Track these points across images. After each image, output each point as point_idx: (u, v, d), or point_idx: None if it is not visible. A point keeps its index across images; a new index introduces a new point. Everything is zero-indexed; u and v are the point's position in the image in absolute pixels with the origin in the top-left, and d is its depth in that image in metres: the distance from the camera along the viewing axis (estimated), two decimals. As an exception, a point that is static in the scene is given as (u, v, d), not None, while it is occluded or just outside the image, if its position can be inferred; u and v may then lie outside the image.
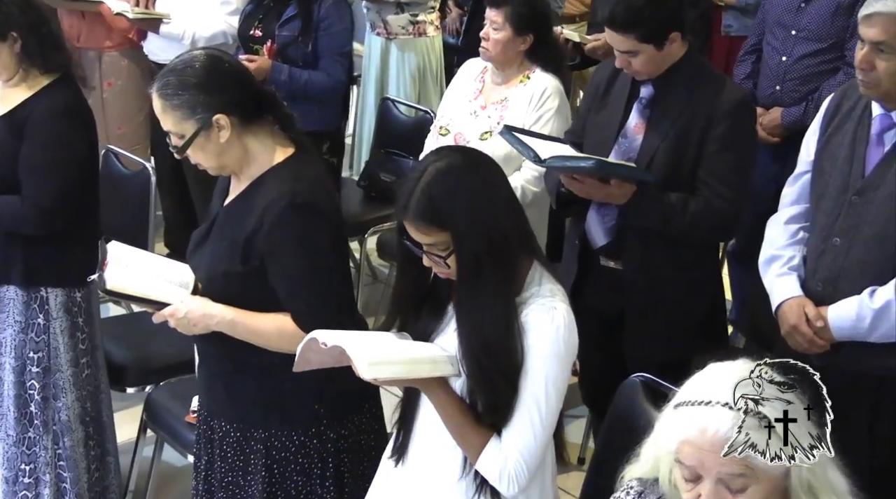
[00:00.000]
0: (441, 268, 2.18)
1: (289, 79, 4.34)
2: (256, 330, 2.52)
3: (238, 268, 2.50)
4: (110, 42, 4.99)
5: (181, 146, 2.48)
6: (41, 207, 3.12)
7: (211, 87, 2.45)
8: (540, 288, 2.19)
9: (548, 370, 2.14)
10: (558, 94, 3.77)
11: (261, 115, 2.54)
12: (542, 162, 2.97)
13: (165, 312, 2.54)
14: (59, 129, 3.13)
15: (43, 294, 3.24)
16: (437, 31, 5.63)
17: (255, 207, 2.49)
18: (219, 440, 2.70)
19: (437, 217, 2.11)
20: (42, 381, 3.28)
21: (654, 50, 3.02)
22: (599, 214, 3.17)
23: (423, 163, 2.18)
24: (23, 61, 3.15)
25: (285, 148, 2.57)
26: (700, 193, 3.04)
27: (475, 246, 2.11)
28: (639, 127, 3.13)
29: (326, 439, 2.63)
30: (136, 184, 4.17)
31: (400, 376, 2.15)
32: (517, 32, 3.76)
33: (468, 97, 3.91)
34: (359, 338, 2.19)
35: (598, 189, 3.03)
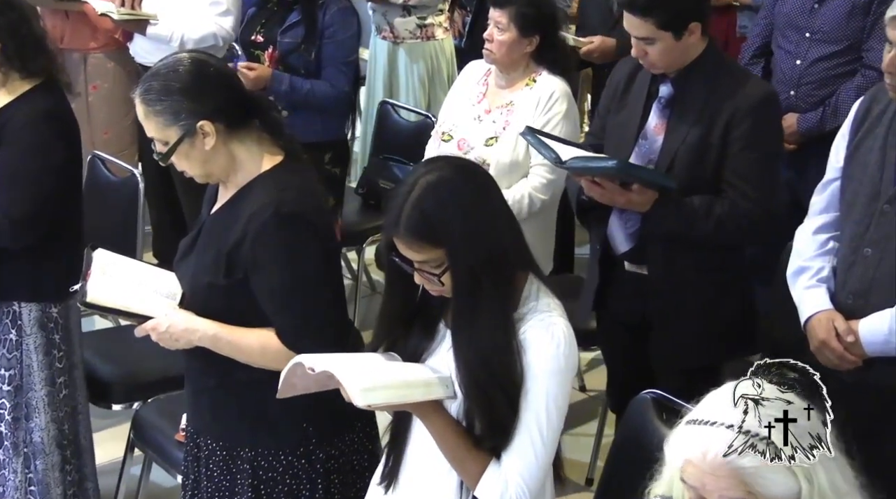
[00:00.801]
0: (434, 286, 2.15)
1: (290, 89, 4.31)
2: (239, 346, 2.51)
3: (222, 281, 2.48)
4: (95, 43, 4.97)
5: (165, 153, 2.47)
6: (14, 219, 3.07)
7: (195, 93, 2.43)
8: (538, 303, 2.17)
9: (548, 388, 2.12)
10: (566, 97, 3.75)
11: (248, 121, 2.52)
12: (562, 163, 2.97)
13: (147, 325, 2.53)
14: (39, 136, 3.08)
15: (15, 309, 3.20)
16: (447, 34, 5.59)
17: (239, 217, 2.47)
18: (205, 459, 2.69)
19: (430, 233, 2.09)
20: (13, 400, 3.24)
21: (673, 39, 3.00)
22: (622, 219, 3.17)
23: (412, 176, 2.15)
24: (2, 65, 3.11)
25: (273, 155, 2.55)
26: (725, 195, 3.02)
27: (471, 261, 2.09)
28: (659, 127, 3.12)
29: (316, 459, 2.60)
30: (124, 191, 4.16)
31: (394, 401, 2.13)
32: (522, 33, 3.74)
33: (471, 101, 3.90)
34: (347, 362, 2.16)
35: (619, 195, 3.03)
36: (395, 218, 2.11)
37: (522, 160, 3.70)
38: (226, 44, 4.70)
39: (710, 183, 3.04)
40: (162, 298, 2.62)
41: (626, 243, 3.17)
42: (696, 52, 3.06)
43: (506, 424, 2.13)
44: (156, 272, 2.78)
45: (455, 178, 2.14)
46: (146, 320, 2.53)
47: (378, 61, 5.64)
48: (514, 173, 3.72)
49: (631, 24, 3.03)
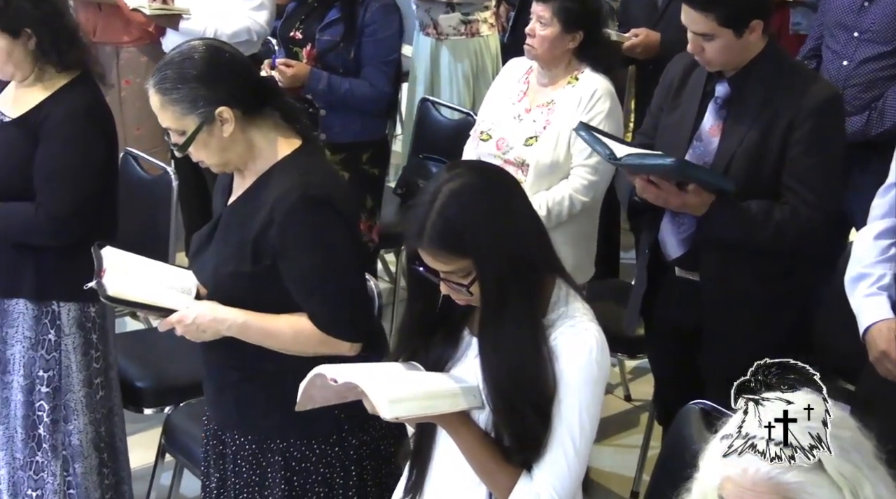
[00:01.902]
0: (462, 295, 2.16)
1: (328, 88, 4.31)
2: (271, 332, 2.55)
3: (248, 268, 2.52)
4: (128, 37, 5.03)
5: (183, 143, 2.51)
6: (55, 216, 3.14)
7: (212, 80, 2.47)
8: (567, 308, 2.18)
9: (581, 398, 2.13)
10: (609, 96, 3.75)
11: (264, 107, 2.57)
12: (617, 160, 2.96)
13: (172, 318, 2.56)
14: (77, 132, 3.14)
15: (55, 308, 3.25)
16: (492, 30, 5.55)
17: (263, 204, 2.51)
18: (232, 455, 2.72)
19: (457, 243, 2.09)
20: (52, 402, 3.29)
21: (733, 36, 2.98)
22: (674, 223, 3.15)
23: (434, 184, 2.15)
24: (38, 59, 3.17)
25: (291, 140, 2.59)
26: (785, 201, 3.01)
27: (498, 270, 2.09)
28: (714, 129, 3.10)
29: (348, 445, 2.65)
30: (157, 189, 4.19)
31: (421, 412, 2.13)
32: (566, 29, 3.73)
33: (511, 100, 3.89)
34: (370, 372, 2.17)
35: (674, 196, 3.01)
36: (418, 229, 2.11)
37: (563, 161, 3.71)
38: (260, 39, 4.76)
39: (769, 187, 3.02)
40: (178, 292, 2.65)
41: (678, 249, 3.16)
42: (755, 51, 3.04)
43: (536, 436, 2.13)
44: (168, 268, 2.82)
45: (478, 184, 2.14)
46: (169, 314, 2.57)
47: (420, 58, 5.63)
48: (554, 174, 3.72)
49: (690, 18, 3.01)
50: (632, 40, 4.58)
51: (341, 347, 2.56)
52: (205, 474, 2.85)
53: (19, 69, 3.18)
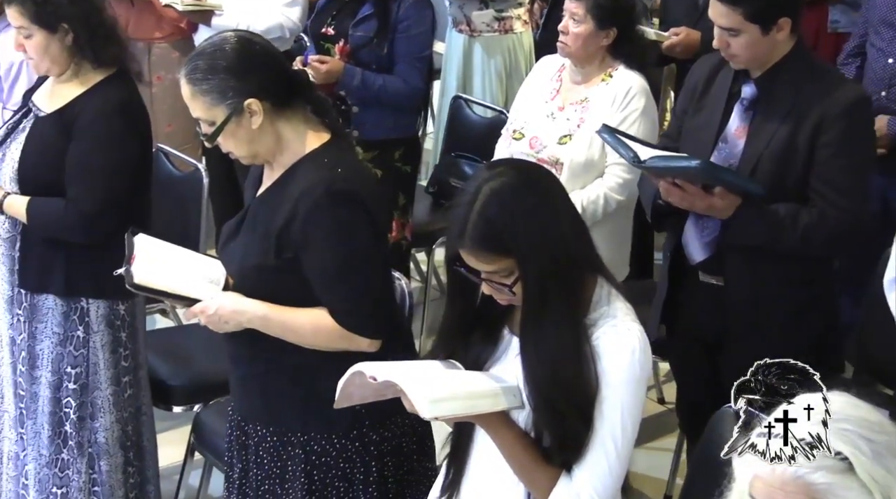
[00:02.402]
0: (504, 295, 2.17)
1: (361, 84, 4.31)
2: (291, 326, 2.58)
3: (271, 261, 2.55)
4: (160, 33, 5.03)
5: (212, 134, 2.55)
6: (85, 213, 3.16)
7: (242, 71, 2.52)
8: (609, 307, 2.18)
9: (623, 399, 2.13)
10: (644, 93, 3.74)
11: (294, 100, 2.60)
12: (641, 163, 2.95)
13: (195, 308, 2.62)
14: (111, 128, 3.17)
15: (83, 305, 3.28)
16: (526, 27, 5.54)
17: (289, 197, 2.54)
18: (254, 446, 2.75)
19: (499, 243, 2.10)
20: (79, 399, 3.32)
21: (759, 33, 2.97)
22: (698, 226, 3.13)
23: (473, 184, 2.16)
24: (74, 55, 3.20)
25: (320, 134, 2.62)
26: (813, 204, 2.99)
27: (541, 269, 2.10)
28: (740, 131, 3.09)
29: (369, 441, 2.67)
30: (187, 186, 4.21)
31: (461, 412, 2.14)
32: (599, 26, 3.73)
33: (544, 98, 3.89)
34: (409, 371, 2.18)
35: (700, 199, 3.00)
36: (459, 229, 2.12)
37: (598, 159, 3.71)
38: (293, 35, 4.77)
39: (796, 191, 3.00)
40: (205, 283, 2.69)
41: (702, 252, 3.14)
42: (782, 51, 3.03)
43: (577, 436, 2.13)
44: (198, 257, 2.86)
45: (518, 182, 2.14)
46: (194, 304, 2.62)
47: (453, 55, 5.63)
48: (588, 173, 3.72)
49: (717, 12, 3.01)
50: (671, 39, 4.55)
51: (360, 343, 2.58)
52: (228, 464, 2.88)
53: (55, 65, 3.21)
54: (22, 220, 3.22)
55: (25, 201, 3.20)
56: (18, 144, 3.25)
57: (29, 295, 3.29)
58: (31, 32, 3.16)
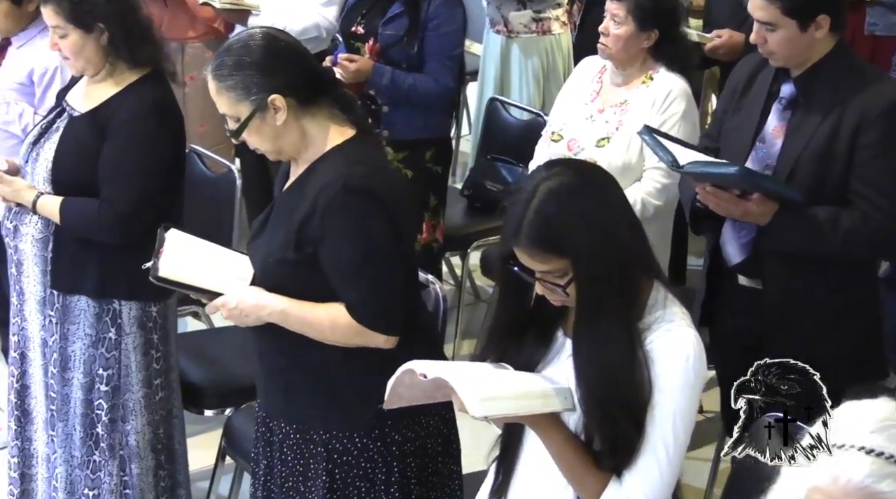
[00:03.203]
0: (558, 296, 2.18)
1: (391, 83, 4.33)
2: (309, 320, 2.63)
3: (292, 256, 2.61)
4: (194, 32, 5.07)
5: (236, 129, 2.60)
6: (119, 213, 3.19)
7: (267, 67, 2.57)
8: (664, 312, 2.19)
9: (676, 405, 2.13)
10: (685, 96, 3.74)
11: (319, 97, 2.65)
12: (679, 168, 2.95)
13: (217, 302, 2.69)
14: (145, 129, 3.20)
15: (116, 307, 3.31)
16: (564, 28, 5.53)
17: (309, 191, 2.60)
18: (278, 443, 2.79)
19: (554, 243, 2.12)
20: (111, 401, 3.34)
21: (797, 28, 2.97)
22: (735, 227, 3.13)
23: (531, 182, 2.18)
24: (109, 55, 3.23)
25: (344, 130, 2.67)
26: (853, 207, 2.97)
27: (596, 270, 2.11)
28: (778, 130, 3.08)
29: (391, 441, 2.69)
30: (220, 187, 4.24)
31: (512, 412, 2.15)
32: (641, 27, 3.73)
33: (584, 100, 3.90)
34: (460, 370, 2.19)
35: (735, 205, 3.00)
36: (515, 227, 2.14)
37: (636, 163, 3.71)
38: (329, 35, 4.77)
39: (836, 192, 2.99)
40: (233, 278, 2.75)
41: (738, 254, 3.14)
42: (822, 50, 3.02)
43: (628, 440, 2.14)
44: (228, 253, 2.93)
45: (576, 182, 2.16)
46: (216, 297, 2.68)
47: (490, 57, 5.62)
48: (626, 177, 3.70)
49: (755, 5, 3.01)
50: (715, 41, 4.53)
51: (376, 340, 2.62)
52: (254, 460, 2.91)
53: (90, 64, 3.24)
54: (55, 220, 3.25)
55: (59, 201, 3.22)
56: (52, 143, 3.27)
57: (61, 296, 3.31)
58: (67, 32, 3.18)
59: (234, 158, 5.01)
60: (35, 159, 3.30)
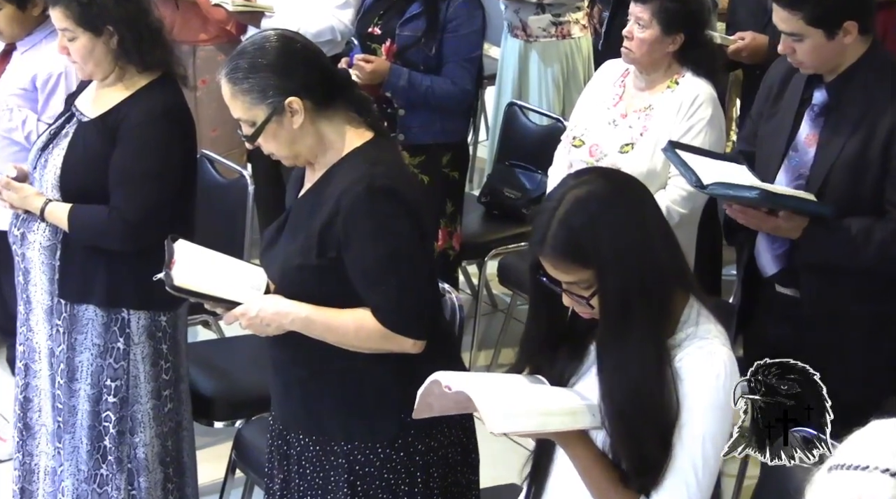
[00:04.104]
0: (583, 308, 2.18)
1: (408, 85, 4.34)
2: (334, 327, 2.62)
3: (314, 261, 2.60)
4: (206, 35, 5.08)
5: (252, 134, 2.60)
6: (129, 221, 3.19)
7: (283, 69, 2.57)
8: (697, 329, 2.18)
9: (706, 426, 2.11)
10: (711, 102, 3.72)
11: (335, 99, 2.65)
12: (703, 188, 2.95)
13: (236, 311, 2.67)
14: (156, 134, 3.20)
15: (125, 316, 3.31)
16: (584, 32, 5.54)
17: (330, 195, 2.59)
18: (296, 456, 2.78)
19: (579, 253, 2.11)
20: (119, 413, 3.34)
21: (823, 37, 2.96)
22: (769, 240, 3.14)
23: (559, 190, 2.18)
24: (119, 58, 3.23)
25: (362, 133, 2.67)
26: (889, 217, 2.97)
27: (623, 283, 2.11)
28: (811, 138, 3.08)
29: (414, 451, 2.69)
30: (232, 193, 4.25)
31: (534, 429, 2.15)
32: (666, 31, 3.72)
33: (606, 104, 3.89)
34: (486, 382, 2.20)
35: (764, 221, 3.01)
36: (541, 236, 2.14)
37: (660, 170, 3.69)
38: (344, 38, 4.78)
39: (871, 202, 2.98)
40: (247, 287, 2.74)
41: (773, 265, 3.14)
42: (854, 55, 3.01)
43: (655, 461, 2.12)
44: (239, 263, 2.92)
45: (606, 191, 2.16)
46: (234, 306, 2.67)
47: (508, 61, 5.63)
48: (650, 184, 3.57)
49: (779, 17, 3.00)
50: (737, 44, 4.53)
51: (404, 344, 2.61)
52: (268, 475, 2.90)
53: (99, 68, 3.24)
54: (63, 227, 3.25)
55: (67, 208, 3.23)
56: (61, 149, 3.27)
57: (69, 305, 3.31)
58: (76, 35, 3.18)
59: (246, 164, 5.01)
60: (43, 166, 3.30)
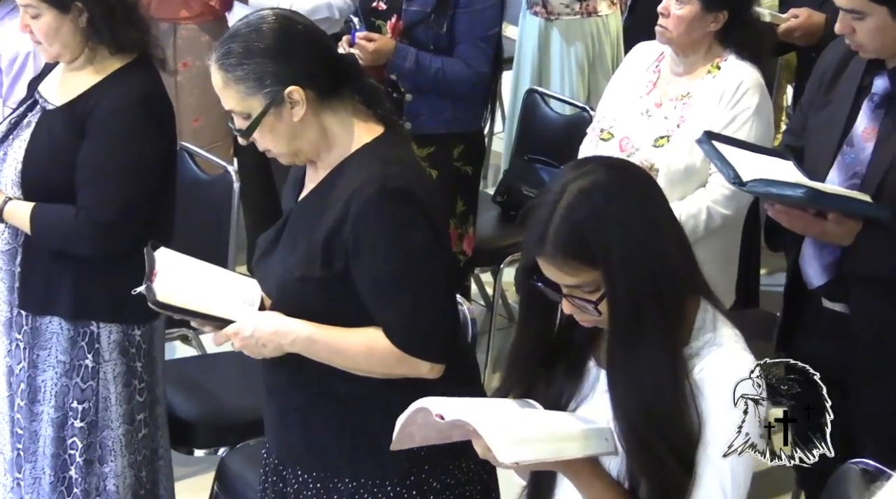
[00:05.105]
0: (587, 315, 2.17)
1: (415, 66, 4.32)
2: (340, 348, 2.58)
3: (317, 273, 2.57)
4: (188, 11, 5.06)
5: (247, 128, 2.57)
6: (98, 222, 3.17)
7: (282, 55, 2.53)
8: (715, 335, 2.18)
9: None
10: (758, 89, 3.68)
11: (341, 89, 2.61)
12: (742, 185, 2.93)
13: (229, 330, 2.62)
14: (130, 124, 3.19)
15: (93, 329, 3.29)
16: (613, 9, 5.54)
17: (336, 198, 2.56)
18: (293, 494, 2.75)
19: (584, 251, 2.10)
20: (86, 439, 3.33)
21: (888, 16, 2.96)
22: (816, 246, 3.13)
23: (558, 182, 2.17)
24: (88, 39, 3.22)
25: (371, 127, 2.64)
26: None
27: (633, 285, 2.10)
28: (868, 132, 3.07)
29: (429, 489, 2.65)
30: (215, 191, 4.24)
31: (546, 457, 2.12)
32: (707, 7, 3.67)
33: (639, 92, 3.86)
34: (482, 408, 2.18)
35: (810, 224, 3.00)
36: (539, 234, 2.12)
37: (700, 165, 3.65)
38: (343, 16, 4.78)
39: None
40: (239, 302, 2.70)
41: (821, 276, 3.13)
42: None
43: (678, 485, 2.11)
44: (229, 274, 2.90)
45: (611, 182, 2.15)
46: (226, 324, 2.62)
47: (527, 42, 5.63)
48: (689, 181, 3.68)
49: None
50: (790, 22, 4.52)
51: (420, 368, 2.58)
52: None
53: (67, 49, 3.23)
54: (25, 229, 3.24)
55: (29, 208, 3.21)
56: (22, 141, 3.26)
57: (30, 317, 3.30)
58: (40, 11, 3.17)
59: (232, 158, 5.03)
60: (2, 159, 3.29)
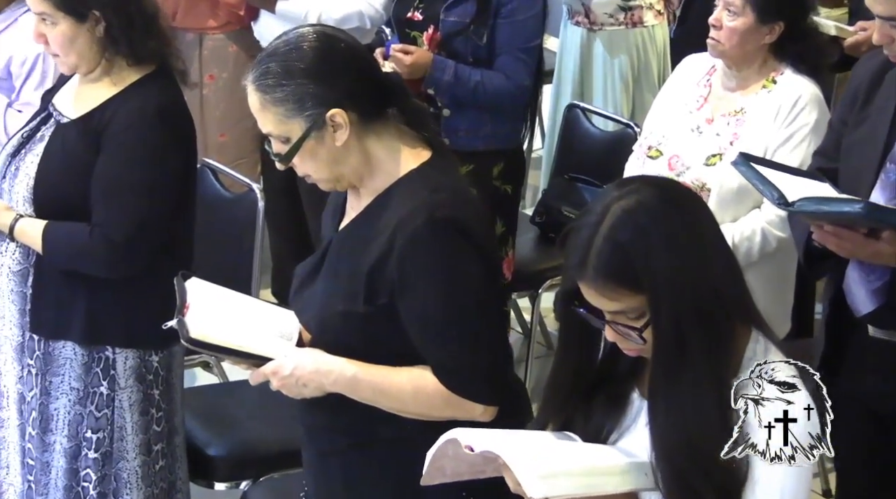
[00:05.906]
0: (631, 343, 2.17)
1: (454, 79, 4.33)
2: (386, 389, 2.58)
3: (360, 308, 2.56)
4: (214, 21, 5.06)
5: (286, 153, 2.56)
6: (114, 242, 3.17)
7: (324, 76, 2.52)
8: None
9: (784, 483, 2.09)
10: (817, 105, 3.70)
11: (385, 111, 2.61)
12: (789, 206, 2.90)
13: (266, 369, 2.61)
14: (148, 139, 3.20)
15: (108, 355, 3.30)
16: (660, 19, 5.55)
17: (382, 228, 2.55)
18: None
19: (628, 274, 2.10)
20: (101, 471, 3.33)
21: None
22: (863, 270, 3.07)
23: (600, 202, 2.17)
24: (106, 49, 3.23)
25: (418, 151, 2.64)
26: None
27: (679, 311, 2.10)
28: None
29: None
30: (239, 210, 4.24)
31: (579, 492, 2.11)
32: (762, 19, 3.69)
33: (689, 107, 3.87)
34: (515, 440, 2.19)
35: (861, 246, 2.94)
36: (581, 256, 2.12)
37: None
38: (374, 26, 4.78)
39: None
40: (275, 337, 2.69)
41: (869, 302, 3.07)
42: None
43: None
44: (265, 306, 2.88)
45: (657, 202, 2.15)
46: (263, 362, 2.61)
47: (568, 54, 5.66)
48: (742, 203, 3.69)
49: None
50: (857, 35, 4.47)
51: (472, 411, 2.57)
52: None
53: (83, 60, 3.24)
54: (36, 248, 3.24)
55: (41, 226, 3.22)
56: (35, 156, 3.27)
57: (43, 342, 3.30)
58: (56, 20, 3.18)
59: (258, 176, 5.02)
60: (14, 175, 3.30)
